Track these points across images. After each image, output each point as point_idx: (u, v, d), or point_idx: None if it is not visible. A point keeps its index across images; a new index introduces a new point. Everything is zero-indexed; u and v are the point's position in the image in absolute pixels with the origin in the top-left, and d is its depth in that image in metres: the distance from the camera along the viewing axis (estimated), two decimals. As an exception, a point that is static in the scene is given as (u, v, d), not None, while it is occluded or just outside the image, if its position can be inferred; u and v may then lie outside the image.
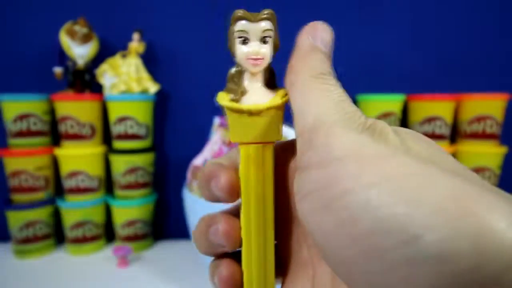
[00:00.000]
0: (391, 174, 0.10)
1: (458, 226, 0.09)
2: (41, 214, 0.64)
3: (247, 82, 0.14)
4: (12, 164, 0.63)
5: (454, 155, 0.68)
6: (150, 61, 0.70)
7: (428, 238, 0.09)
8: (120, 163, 0.65)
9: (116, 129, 0.65)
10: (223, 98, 0.14)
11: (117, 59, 0.66)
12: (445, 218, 0.09)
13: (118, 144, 0.66)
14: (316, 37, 0.14)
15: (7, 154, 0.62)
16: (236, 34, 0.14)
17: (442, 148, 0.13)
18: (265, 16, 0.14)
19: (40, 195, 0.65)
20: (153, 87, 0.67)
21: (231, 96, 0.14)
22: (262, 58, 0.14)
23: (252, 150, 0.14)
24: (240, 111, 0.14)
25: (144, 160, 0.67)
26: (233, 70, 0.15)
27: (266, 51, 0.14)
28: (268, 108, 0.14)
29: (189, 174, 0.57)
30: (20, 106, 0.62)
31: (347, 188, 0.11)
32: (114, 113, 0.65)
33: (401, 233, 0.09)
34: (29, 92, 0.64)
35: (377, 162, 0.11)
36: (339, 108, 0.13)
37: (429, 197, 0.09)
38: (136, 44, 0.65)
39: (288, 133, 0.49)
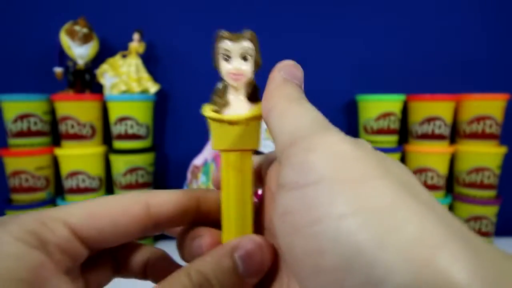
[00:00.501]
0: (363, 206, 0.10)
1: (420, 275, 0.09)
2: (41, 214, 0.64)
3: (231, 96, 0.16)
4: (12, 164, 0.63)
5: (454, 155, 0.68)
6: (150, 61, 0.70)
7: (390, 283, 0.09)
8: (120, 163, 0.66)
9: (116, 129, 0.65)
10: (206, 110, 0.16)
11: (117, 59, 0.66)
12: (409, 264, 0.09)
13: (118, 144, 0.66)
14: (288, 73, 0.15)
15: (7, 154, 0.62)
16: (220, 52, 0.16)
17: (416, 179, 0.12)
18: (246, 37, 0.16)
19: (40, 195, 0.65)
20: (153, 87, 0.67)
21: (214, 107, 0.16)
22: (242, 74, 0.16)
23: (232, 157, 0.16)
24: (221, 121, 0.16)
25: (144, 160, 0.67)
26: (219, 85, 0.16)
27: (246, 68, 0.16)
28: (247, 119, 0.15)
29: (189, 174, 0.57)
30: (20, 106, 0.62)
31: (318, 216, 0.11)
32: (114, 113, 0.65)
33: (366, 274, 0.09)
34: (29, 92, 0.64)
35: (352, 187, 0.11)
36: (317, 122, 0.13)
37: (397, 240, 0.09)
38: (136, 44, 0.65)
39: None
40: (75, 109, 0.63)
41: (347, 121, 0.75)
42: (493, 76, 0.72)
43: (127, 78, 0.65)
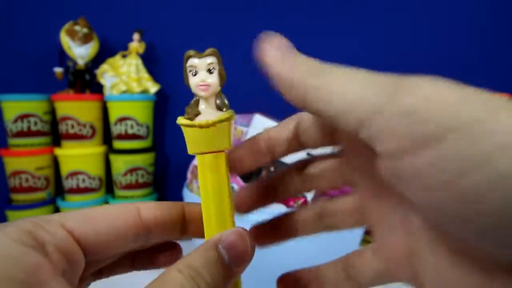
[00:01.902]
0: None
1: None
2: (41, 214, 0.64)
3: (202, 107, 0.18)
4: (12, 164, 0.63)
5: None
6: (150, 61, 0.70)
7: None
8: (120, 163, 0.66)
9: (116, 129, 0.65)
10: (180, 119, 0.18)
11: (117, 59, 0.66)
12: None
13: (118, 144, 0.66)
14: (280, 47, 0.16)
15: (7, 154, 0.62)
16: (188, 69, 0.18)
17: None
18: (209, 53, 0.18)
19: (40, 195, 0.65)
20: (153, 87, 0.67)
21: (187, 117, 0.18)
22: (209, 85, 0.18)
23: (207, 158, 0.18)
24: (192, 126, 0.17)
25: (144, 160, 0.67)
26: (192, 100, 0.19)
27: (212, 80, 0.18)
28: (215, 122, 0.17)
29: (189, 174, 0.57)
30: (20, 106, 0.62)
31: (471, 166, 0.10)
32: (114, 113, 0.65)
33: None
34: (29, 92, 0.64)
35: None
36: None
37: None
38: (136, 44, 0.65)
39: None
40: (75, 109, 0.63)
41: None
42: (493, 76, 0.72)
43: (127, 78, 0.65)
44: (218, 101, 0.18)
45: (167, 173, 0.75)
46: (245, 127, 0.50)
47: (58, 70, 0.65)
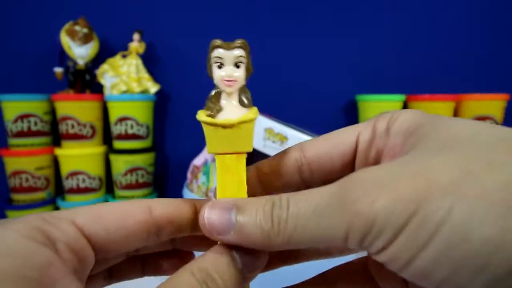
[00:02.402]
0: None
1: None
2: (41, 214, 0.64)
3: (223, 102, 0.17)
4: (13, 164, 0.63)
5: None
6: (150, 61, 0.70)
7: None
8: (120, 163, 0.66)
9: (116, 129, 0.65)
10: (200, 115, 0.17)
11: (117, 59, 0.66)
12: None
13: (118, 144, 0.66)
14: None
15: (7, 154, 0.62)
16: (213, 60, 0.17)
17: None
18: (238, 45, 0.16)
19: (40, 195, 0.65)
20: (153, 87, 0.67)
21: (208, 112, 0.17)
22: (235, 80, 0.16)
23: (227, 159, 0.17)
24: (214, 125, 0.16)
25: (144, 160, 0.67)
26: (212, 92, 0.17)
27: (238, 74, 0.16)
28: (239, 122, 0.16)
29: (189, 174, 0.57)
30: (20, 106, 0.62)
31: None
32: (114, 113, 0.65)
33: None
34: (29, 92, 0.64)
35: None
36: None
37: None
38: (136, 44, 0.65)
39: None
40: (75, 109, 0.63)
41: (347, 121, 0.75)
42: (493, 76, 0.73)
43: (127, 78, 0.65)
44: (242, 96, 0.17)
45: (167, 173, 0.75)
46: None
47: (58, 70, 0.65)
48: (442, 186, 0.11)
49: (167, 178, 0.76)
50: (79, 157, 0.64)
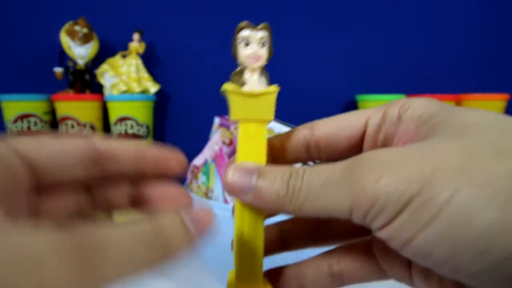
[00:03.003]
0: None
1: None
2: (41, 214, 0.64)
3: (247, 77, 0.19)
4: (13, 164, 0.63)
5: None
6: (150, 61, 0.70)
7: None
8: (120, 163, 0.65)
9: (116, 129, 0.65)
10: (227, 85, 0.18)
11: (117, 59, 0.66)
12: None
13: (118, 144, 0.66)
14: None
15: (7, 154, 0.62)
16: (240, 40, 0.18)
17: None
18: (262, 27, 0.18)
19: (40, 195, 0.65)
20: (153, 87, 0.67)
21: (234, 84, 0.18)
22: (260, 57, 0.18)
23: (249, 127, 0.18)
24: (240, 94, 0.18)
25: (144, 160, 0.67)
26: (237, 69, 0.19)
27: (263, 52, 0.18)
28: (263, 93, 0.18)
29: (189, 174, 0.57)
30: (20, 106, 0.62)
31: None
32: (114, 113, 0.65)
33: None
34: (29, 92, 0.64)
35: None
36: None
37: None
38: (136, 44, 0.65)
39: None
40: (75, 109, 0.63)
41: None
42: (493, 76, 0.72)
43: (127, 78, 0.65)
44: (263, 76, 0.19)
45: (167, 173, 0.75)
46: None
47: (58, 70, 0.65)
48: (448, 170, 0.12)
49: (167, 178, 0.75)
50: (79, 157, 0.64)
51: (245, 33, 0.18)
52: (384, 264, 0.17)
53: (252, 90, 0.18)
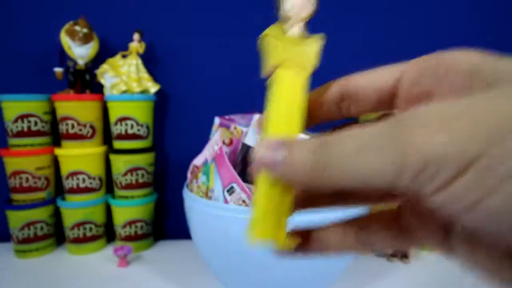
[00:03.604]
0: None
1: None
2: (42, 214, 0.64)
3: (288, 29, 0.18)
4: (13, 164, 0.63)
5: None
6: (150, 61, 0.70)
7: None
8: (120, 163, 0.66)
9: (116, 129, 0.66)
10: (268, 30, 0.17)
11: (117, 59, 0.66)
12: None
13: (118, 144, 0.66)
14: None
15: (7, 154, 0.62)
16: None
17: None
18: None
19: (40, 195, 0.65)
20: (153, 87, 0.67)
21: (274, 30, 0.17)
22: (310, 6, 0.18)
23: (288, 74, 0.17)
24: (283, 38, 0.17)
25: (144, 160, 0.67)
26: (276, 23, 0.18)
27: (311, 3, 0.18)
28: (309, 38, 0.17)
29: (189, 174, 0.57)
30: (20, 106, 0.62)
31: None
32: (114, 113, 0.65)
33: None
34: (29, 92, 0.64)
35: None
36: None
37: None
38: (136, 44, 0.66)
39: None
40: (75, 109, 0.63)
41: (347, 121, 0.75)
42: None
43: (127, 78, 0.65)
44: (304, 31, 0.18)
45: (167, 173, 0.75)
46: (245, 127, 0.50)
47: (58, 70, 0.65)
48: None
49: (167, 178, 0.76)
50: (79, 157, 0.64)
51: None
52: (417, 231, 0.16)
53: (296, 35, 0.17)
